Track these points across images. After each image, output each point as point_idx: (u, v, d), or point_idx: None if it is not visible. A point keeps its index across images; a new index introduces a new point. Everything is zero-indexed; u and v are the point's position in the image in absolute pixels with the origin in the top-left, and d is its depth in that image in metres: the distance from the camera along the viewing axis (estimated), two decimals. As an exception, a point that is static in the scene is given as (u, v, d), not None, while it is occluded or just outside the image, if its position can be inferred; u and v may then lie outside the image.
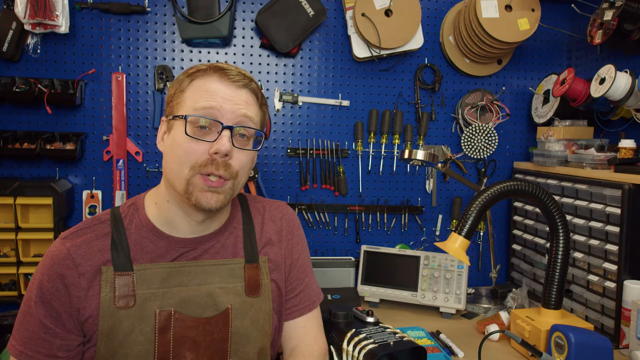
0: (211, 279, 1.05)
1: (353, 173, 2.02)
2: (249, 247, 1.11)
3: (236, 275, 1.08)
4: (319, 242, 2.03)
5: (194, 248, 1.05)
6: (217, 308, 1.04)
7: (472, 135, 1.96)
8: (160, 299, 1.00)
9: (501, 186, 1.30)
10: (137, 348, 0.98)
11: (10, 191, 1.68)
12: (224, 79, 1.00)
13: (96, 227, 1.03)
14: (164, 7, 1.86)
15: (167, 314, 1.00)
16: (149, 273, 1.01)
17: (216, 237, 1.08)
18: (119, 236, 1.01)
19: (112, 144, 1.86)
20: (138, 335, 0.98)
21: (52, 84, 1.76)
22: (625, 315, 1.42)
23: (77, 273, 0.97)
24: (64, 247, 0.99)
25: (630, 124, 1.70)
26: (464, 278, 1.68)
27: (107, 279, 0.98)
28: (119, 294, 0.98)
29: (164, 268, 1.02)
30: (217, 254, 1.08)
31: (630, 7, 1.53)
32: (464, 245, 1.27)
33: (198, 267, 1.05)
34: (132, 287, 0.99)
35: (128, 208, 1.06)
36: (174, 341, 1.00)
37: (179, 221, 1.04)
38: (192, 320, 1.01)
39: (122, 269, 1.00)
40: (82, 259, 0.98)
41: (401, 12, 1.85)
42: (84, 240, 1.00)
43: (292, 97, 1.95)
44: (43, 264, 0.99)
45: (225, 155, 0.97)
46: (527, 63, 2.09)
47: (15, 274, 1.71)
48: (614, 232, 1.48)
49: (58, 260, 0.98)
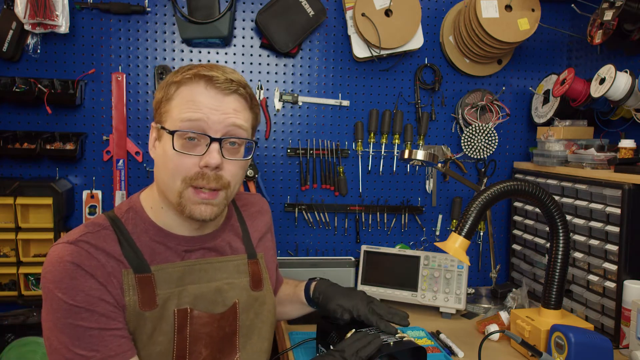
0: (219, 275, 1.08)
1: (353, 173, 2.02)
2: (248, 244, 1.16)
3: (241, 270, 1.12)
4: (319, 242, 2.03)
5: (200, 246, 1.07)
6: (225, 303, 1.07)
7: (472, 135, 1.96)
8: (177, 298, 1.01)
9: (501, 186, 1.30)
10: (158, 348, 0.98)
11: (10, 191, 1.68)
12: (210, 87, 0.96)
13: (100, 232, 0.97)
14: (164, 7, 1.86)
15: (184, 312, 1.01)
16: (166, 273, 1.01)
17: (219, 235, 1.11)
18: (127, 240, 0.99)
19: (112, 144, 1.86)
20: (159, 335, 0.98)
21: (52, 84, 1.76)
22: (625, 315, 1.42)
23: (106, 272, 0.93)
24: (80, 248, 0.92)
25: (630, 124, 1.70)
26: (464, 278, 1.68)
27: (129, 282, 0.96)
28: (142, 296, 0.96)
29: (179, 267, 1.03)
30: (224, 251, 1.10)
31: (630, 7, 1.52)
32: (464, 245, 1.27)
33: (207, 265, 1.07)
34: (152, 288, 0.98)
35: (127, 213, 1.03)
36: (191, 338, 1.01)
37: (177, 226, 1.05)
38: (207, 316, 1.03)
39: (141, 270, 0.98)
40: (105, 259, 0.94)
41: (401, 12, 1.85)
42: (97, 243, 0.95)
43: (292, 97, 1.95)
44: (64, 270, 0.90)
45: (215, 168, 0.96)
46: (527, 63, 2.09)
47: (15, 274, 1.71)
48: (614, 232, 1.47)
49: (82, 260, 0.91)
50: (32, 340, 1.73)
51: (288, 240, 2.01)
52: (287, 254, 2.01)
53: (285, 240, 2.01)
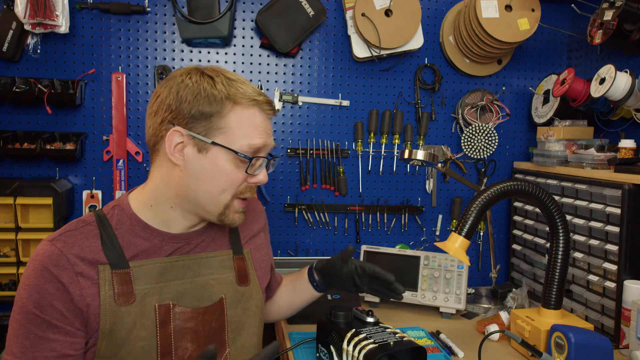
0: (204, 270, 1.09)
1: (353, 173, 2.02)
2: (234, 240, 1.18)
3: (226, 266, 1.13)
4: (319, 242, 2.03)
5: (187, 243, 1.09)
6: (212, 299, 1.08)
7: (472, 135, 1.96)
8: (158, 294, 1.02)
9: (501, 186, 1.30)
10: (140, 343, 0.99)
11: (10, 191, 1.68)
12: (261, 112, 1.04)
13: (83, 228, 1.01)
14: (164, 7, 1.86)
15: (166, 307, 1.02)
16: (145, 269, 1.02)
17: (206, 232, 1.13)
18: (108, 236, 1.01)
19: (112, 144, 1.86)
20: (140, 331, 0.99)
21: (52, 84, 1.76)
22: (625, 315, 1.42)
23: (73, 273, 0.96)
24: (55, 247, 0.96)
25: (630, 124, 1.70)
26: (464, 278, 1.68)
27: (105, 278, 0.98)
28: (118, 291, 0.98)
29: (160, 263, 1.04)
30: (207, 247, 1.12)
31: (630, 7, 1.53)
32: (464, 245, 1.27)
33: (191, 261, 1.08)
34: (130, 284, 1.00)
35: (112, 209, 1.06)
36: (175, 333, 1.02)
37: (175, 223, 1.07)
38: (191, 311, 1.04)
39: (119, 266, 1.00)
40: (76, 259, 0.97)
41: (401, 12, 1.85)
42: (74, 241, 0.99)
43: (292, 97, 1.95)
44: (34, 268, 0.95)
45: None
46: (527, 63, 2.09)
47: (15, 274, 1.72)
48: (614, 232, 1.47)
49: (51, 261, 0.95)
50: (32, 340, 1.73)
51: (288, 240, 2.01)
52: (287, 254, 2.01)
53: (285, 240, 2.01)
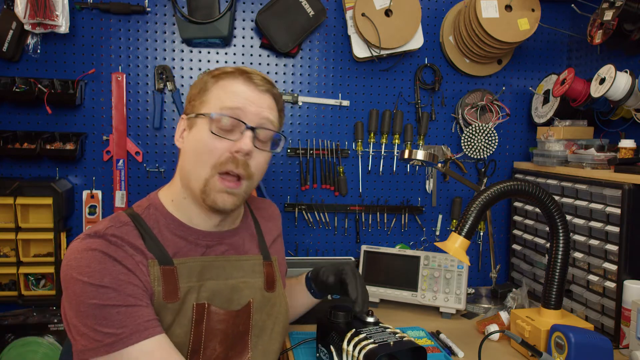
0: (236, 273, 1.10)
1: (353, 173, 2.02)
2: (262, 245, 1.19)
3: (257, 270, 1.14)
4: (319, 242, 2.03)
5: (220, 242, 1.09)
6: (240, 302, 1.09)
7: (472, 135, 1.96)
8: (197, 292, 1.02)
9: (501, 186, 1.30)
10: (175, 340, 0.98)
11: (10, 191, 1.68)
12: (248, 82, 1.04)
13: (123, 227, 0.98)
14: (164, 7, 1.86)
15: (201, 306, 1.02)
16: (187, 266, 1.02)
17: (238, 234, 1.13)
18: (149, 235, 1.00)
19: (112, 144, 1.86)
20: (177, 328, 0.99)
21: (52, 84, 1.76)
22: (625, 315, 1.42)
23: (134, 261, 0.94)
24: (105, 240, 0.93)
25: (630, 124, 1.70)
26: (464, 278, 1.68)
27: (155, 273, 0.97)
28: (166, 287, 0.98)
29: (200, 262, 1.04)
30: (239, 249, 1.12)
31: (630, 7, 1.53)
32: (464, 245, 1.27)
33: (226, 262, 1.09)
34: (175, 281, 1.00)
35: (147, 209, 1.05)
36: (206, 333, 1.03)
37: (198, 220, 1.07)
38: (224, 313, 1.05)
39: (166, 263, 0.99)
40: (132, 249, 0.95)
41: (401, 12, 1.85)
42: (122, 235, 0.96)
43: (292, 97, 1.95)
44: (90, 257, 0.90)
45: (246, 155, 1.00)
46: (527, 63, 2.09)
47: (15, 274, 1.71)
48: (614, 232, 1.47)
49: (110, 249, 0.92)
50: (32, 340, 1.73)
51: (288, 240, 2.01)
52: (287, 254, 2.00)
53: (285, 240, 1.99)
